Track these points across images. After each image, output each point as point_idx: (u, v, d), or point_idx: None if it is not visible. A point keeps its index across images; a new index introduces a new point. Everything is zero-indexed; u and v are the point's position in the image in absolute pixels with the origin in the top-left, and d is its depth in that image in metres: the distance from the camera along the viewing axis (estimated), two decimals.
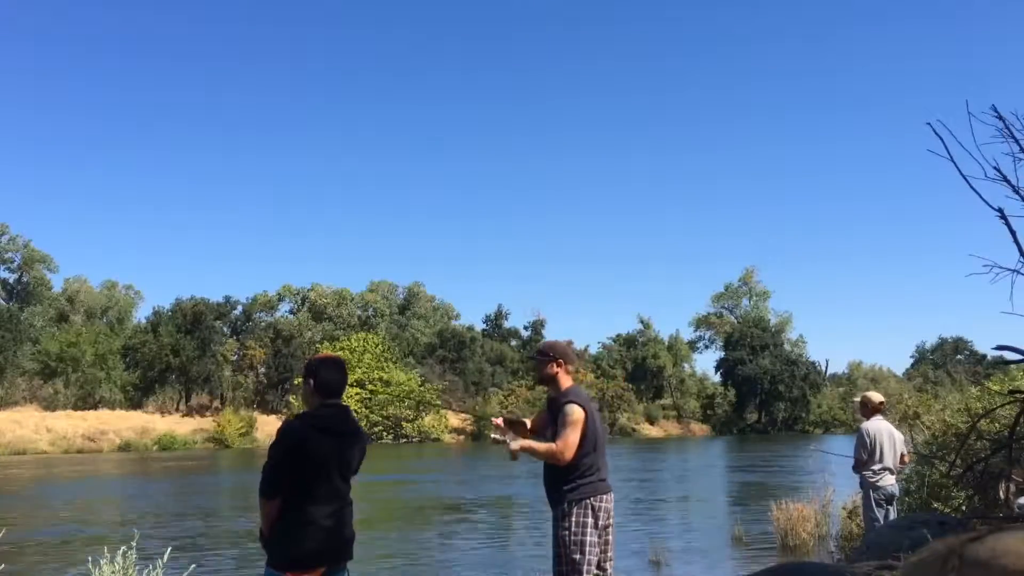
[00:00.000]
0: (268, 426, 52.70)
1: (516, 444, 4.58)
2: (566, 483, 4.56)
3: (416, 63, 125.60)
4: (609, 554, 4.67)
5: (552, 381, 4.75)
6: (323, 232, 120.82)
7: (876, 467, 7.54)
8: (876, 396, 7.98)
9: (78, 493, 23.42)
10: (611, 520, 4.68)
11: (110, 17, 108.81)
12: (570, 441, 4.50)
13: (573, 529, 4.51)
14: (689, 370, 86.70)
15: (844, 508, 10.45)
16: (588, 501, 4.54)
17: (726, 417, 79.79)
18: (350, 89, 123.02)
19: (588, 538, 4.50)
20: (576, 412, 4.54)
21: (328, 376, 3.79)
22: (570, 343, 4.91)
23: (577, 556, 4.47)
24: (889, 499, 7.63)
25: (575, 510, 4.53)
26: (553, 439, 4.59)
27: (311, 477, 3.57)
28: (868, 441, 7.58)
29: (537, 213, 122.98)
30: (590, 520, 4.52)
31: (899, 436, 7.87)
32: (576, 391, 4.74)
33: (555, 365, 4.73)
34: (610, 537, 4.68)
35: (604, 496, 4.60)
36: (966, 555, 1.59)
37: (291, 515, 3.57)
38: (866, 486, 7.60)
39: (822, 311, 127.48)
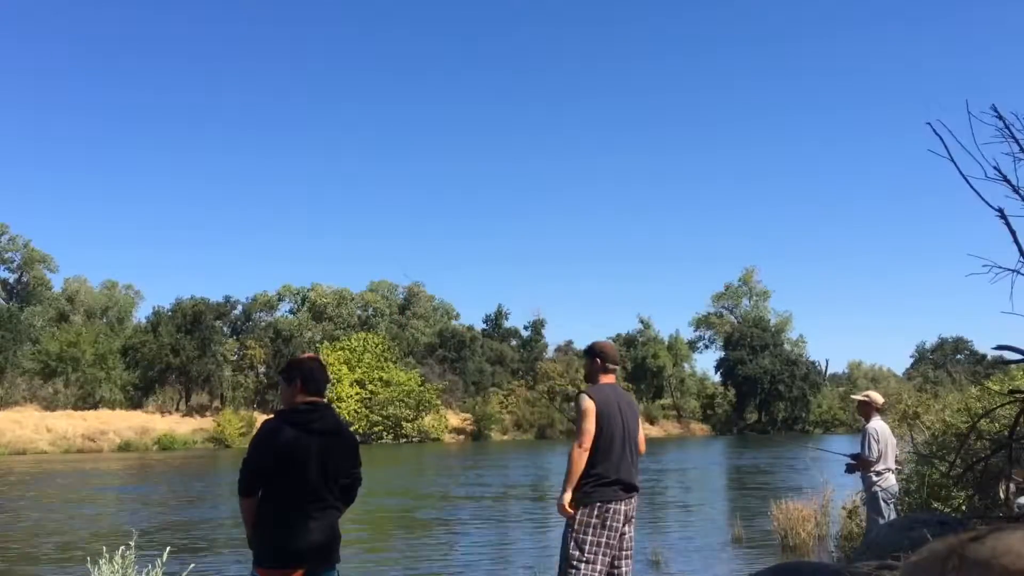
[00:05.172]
0: None
1: (564, 498, 4.64)
2: (579, 485, 4.60)
3: (416, 63, 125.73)
4: (625, 554, 4.69)
5: (591, 377, 4.92)
6: (323, 232, 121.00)
7: (881, 467, 7.57)
8: (879, 396, 8.02)
9: (77, 493, 23.41)
10: (628, 522, 4.68)
11: (110, 17, 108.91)
12: (582, 429, 4.59)
13: (577, 528, 4.56)
14: (689, 370, 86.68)
15: (844, 508, 10.43)
16: (595, 504, 4.56)
17: (726, 417, 79.76)
18: (350, 89, 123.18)
19: (591, 538, 4.52)
20: (584, 402, 4.64)
21: (314, 375, 3.80)
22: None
23: (576, 554, 4.52)
24: (891, 499, 7.67)
25: (582, 510, 4.57)
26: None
27: (285, 475, 3.56)
28: (877, 441, 7.61)
29: (538, 213, 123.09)
30: (595, 521, 4.53)
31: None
32: (598, 387, 4.79)
33: (595, 363, 4.88)
34: (627, 540, 4.70)
35: (618, 502, 4.60)
36: (966, 555, 1.58)
37: (266, 513, 3.58)
38: (872, 486, 7.61)
39: (822, 311, 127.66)
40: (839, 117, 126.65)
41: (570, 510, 4.58)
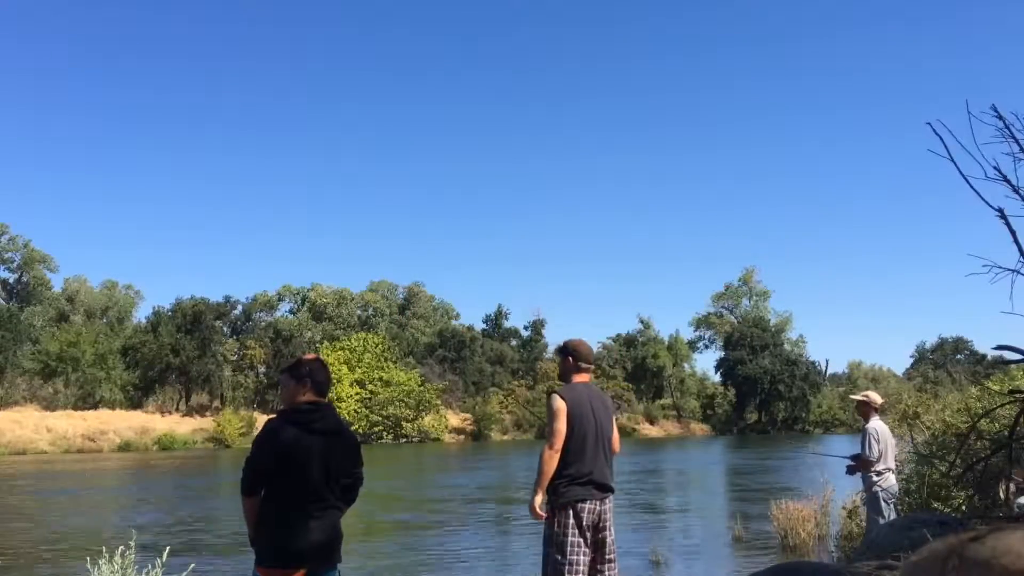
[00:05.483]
0: None
1: (536, 501, 4.61)
2: (552, 486, 4.58)
3: (416, 63, 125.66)
4: (608, 559, 4.65)
5: (564, 376, 4.89)
6: (323, 232, 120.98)
7: (881, 467, 7.58)
8: (878, 397, 8.04)
9: (77, 493, 23.41)
10: (605, 522, 4.64)
11: (110, 17, 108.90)
12: (553, 429, 4.56)
13: (556, 530, 4.55)
14: (689, 370, 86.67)
15: (844, 508, 10.43)
16: (570, 505, 4.54)
17: (726, 417, 79.72)
18: (350, 89, 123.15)
19: (570, 539, 4.50)
20: (555, 402, 4.62)
21: (322, 376, 3.83)
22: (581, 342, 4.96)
23: (558, 557, 4.51)
24: (891, 499, 7.67)
25: (558, 512, 4.56)
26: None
27: (287, 474, 3.57)
28: (878, 441, 7.61)
29: (538, 213, 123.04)
30: (571, 522, 4.51)
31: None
32: (571, 387, 4.77)
33: (567, 362, 4.86)
34: (607, 539, 4.65)
35: (592, 501, 4.57)
36: (966, 555, 1.57)
37: (268, 512, 3.59)
38: (872, 486, 7.61)
39: (822, 311, 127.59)
40: (839, 117, 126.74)
41: (541, 513, 4.55)
